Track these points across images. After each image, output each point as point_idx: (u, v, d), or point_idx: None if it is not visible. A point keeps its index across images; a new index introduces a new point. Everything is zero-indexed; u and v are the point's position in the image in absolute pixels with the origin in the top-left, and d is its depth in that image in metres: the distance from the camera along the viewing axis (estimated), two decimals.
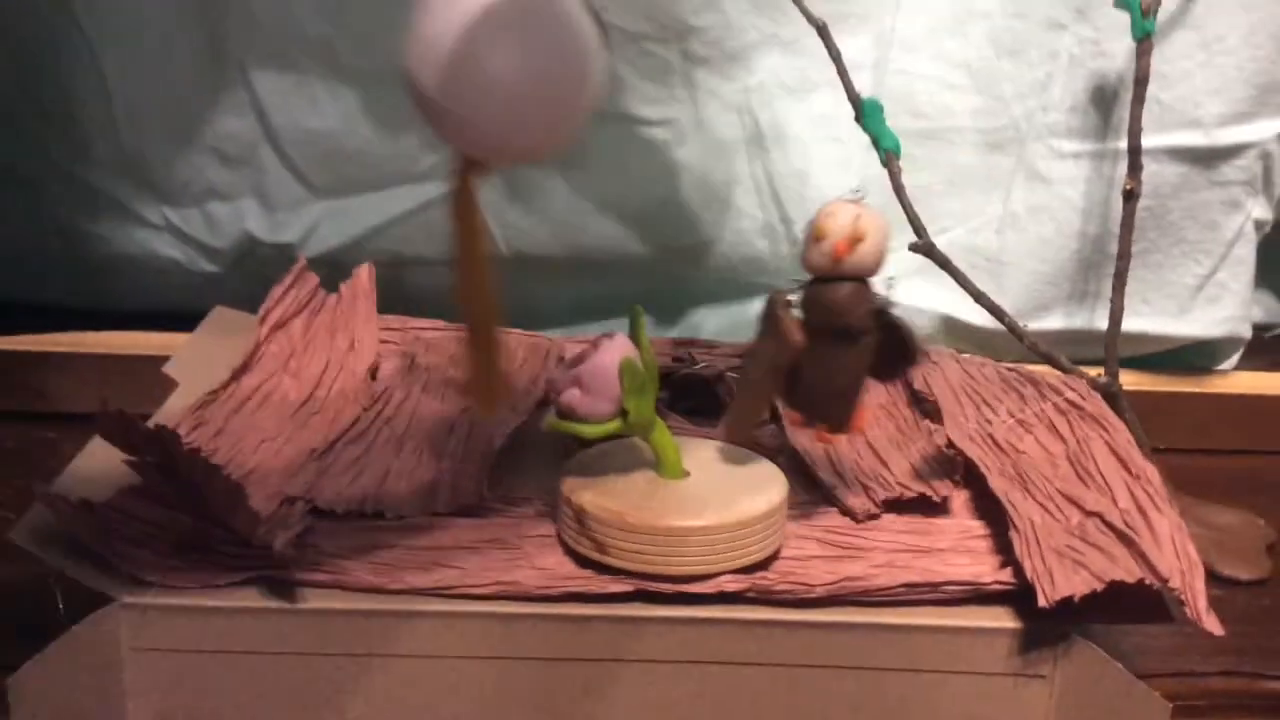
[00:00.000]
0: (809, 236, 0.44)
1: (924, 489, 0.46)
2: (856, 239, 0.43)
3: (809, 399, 0.44)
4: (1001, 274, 0.66)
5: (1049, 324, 0.66)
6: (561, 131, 0.37)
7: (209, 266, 0.68)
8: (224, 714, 0.40)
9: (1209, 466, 0.64)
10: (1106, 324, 0.59)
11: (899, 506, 0.46)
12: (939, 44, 0.64)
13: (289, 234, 0.67)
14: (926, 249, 0.56)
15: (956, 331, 0.67)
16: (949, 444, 0.50)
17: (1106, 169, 0.64)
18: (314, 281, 0.59)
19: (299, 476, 0.45)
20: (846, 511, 0.46)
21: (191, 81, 0.65)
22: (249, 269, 0.67)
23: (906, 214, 0.56)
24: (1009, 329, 0.58)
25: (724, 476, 0.44)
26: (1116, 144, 0.63)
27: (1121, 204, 0.59)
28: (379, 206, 0.67)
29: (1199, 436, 0.65)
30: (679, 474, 0.43)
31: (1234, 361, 0.69)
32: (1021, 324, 0.58)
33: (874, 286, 0.44)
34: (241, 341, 0.54)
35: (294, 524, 0.41)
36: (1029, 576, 0.40)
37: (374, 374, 0.56)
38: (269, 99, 0.65)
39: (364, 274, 0.60)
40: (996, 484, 0.46)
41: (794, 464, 0.49)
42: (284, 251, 0.66)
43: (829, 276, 0.43)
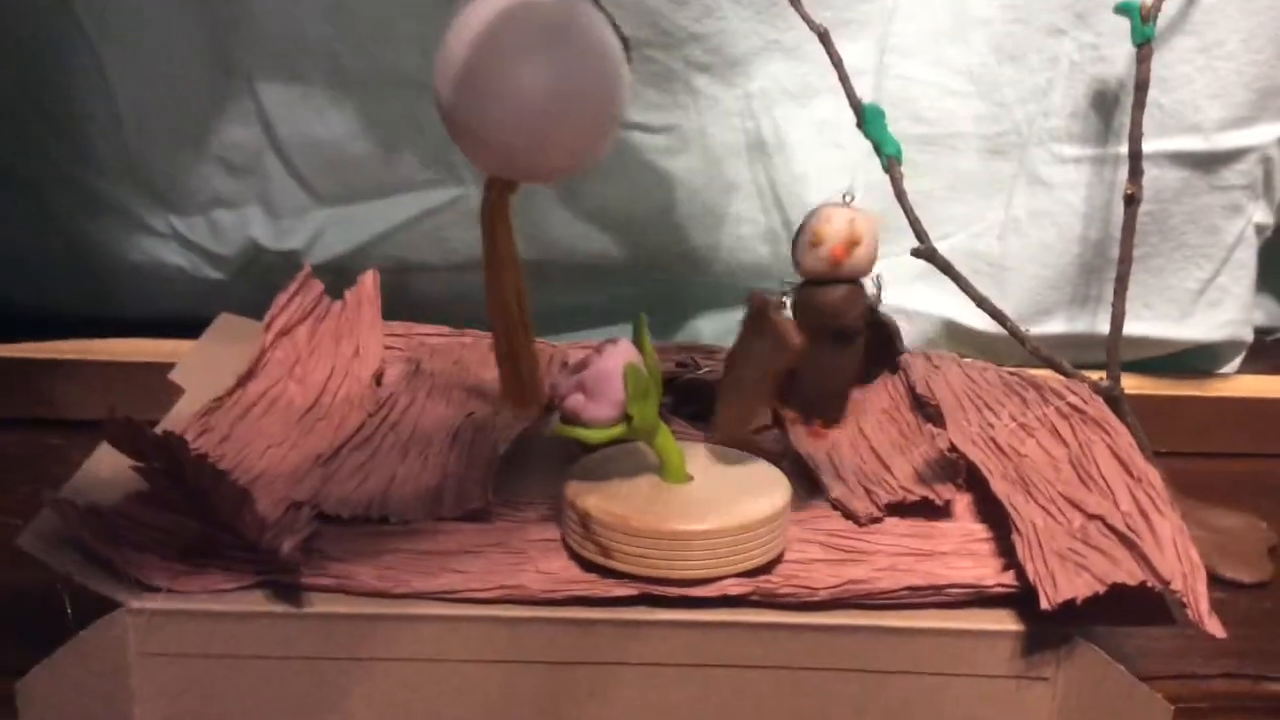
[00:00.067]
0: (804, 241, 0.44)
1: (926, 492, 0.46)
2: (854, 242, 0.43)
3: (804, 398, 0.45)
4: (1003, 279, 0.66)
5: (1051, 328, 0.66)
6: (590, 150, 0.38)
7: (214, 274, 0.68)
8: (231, 718, 0.40)
9: (1211, 470, 0.64)
10: (1108, 328, 0.59)
11: (902, 510, 0.46)
12: (940, 50, 0.64)
13: (294, 241, 0.67)
14: (928, 254, 0.56)
15: (959, 336, 0.67)
16: (951, 448, 0.50)
17: (1107, 174, 0.64)
18: (319, 288, 0.59)
19: (305, 482, 0.46)
20: (849, 515, 0.46)
21: (197, 90, 0.65)
22: (254, 276, 0.68)
23: (908, 219, 0.56)
24: (1011, 333, 0.58)
25: (727, 480, 0.44)
26: (1117, 149, 0.63)
27: (1122, 208, 0.59)
28: (383, 214, 0.67)
29: (1201, 440, 0.65)
30: (682, 478, 0.43)
31: (1236, 365, 0.69)
32: (1023, 328, 0.58)
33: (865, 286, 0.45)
34: (247, 348, 0.55)
35: (300, 529, 0.41)
36: (1031, 579, 0.40)
37: (379, 380, 0.56)
38: (274, 108, 0.65)
39: (369, 281, 0.60)
40: (999, 487, 0.46)
41: (797, 468, 0.49)
42: (289, 259, 0.66)
43: (824, 279, 0.43)
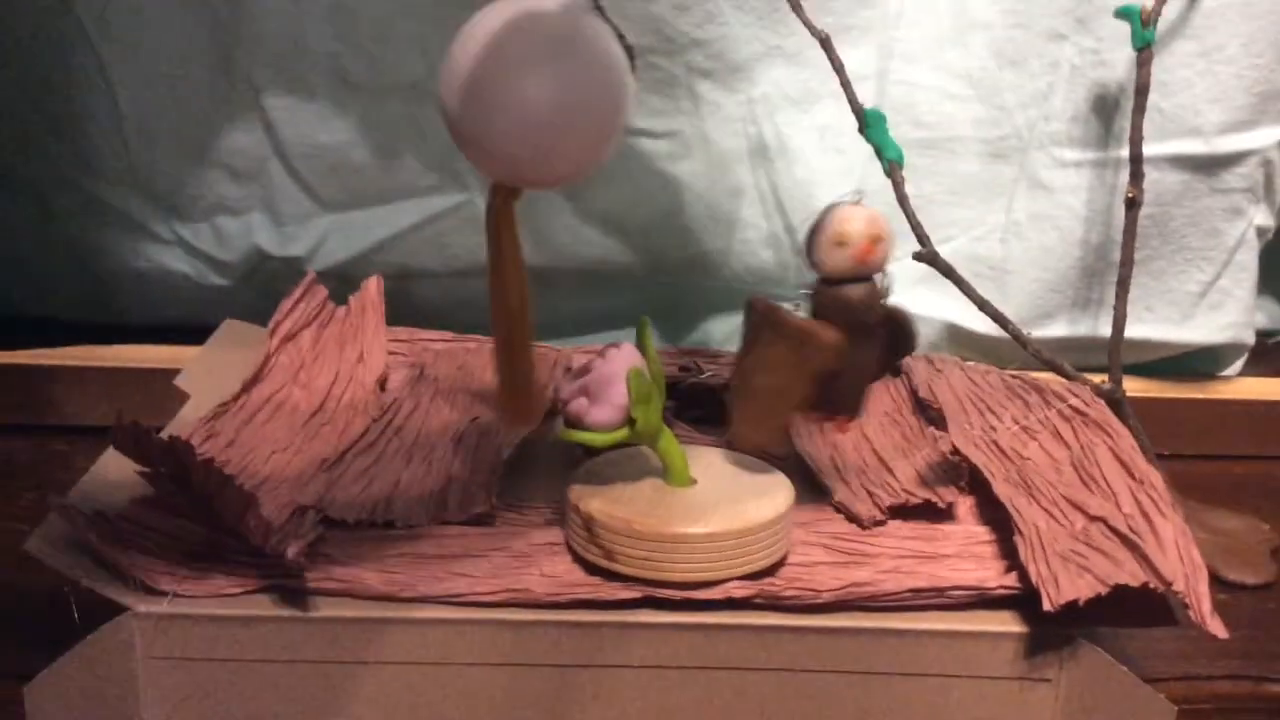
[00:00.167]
0: (824, 240, 0.44)
1: (929, 495, 0.47)
2: (877, 239, 0.44)
3: (827, 395, 0.45)
4: (1005, 282, 0.66)
5: (1052, 331, 0.66)
6: (594, 158, 0.38)
7: (219, 280, 0.69)
8: None
9: (1213, 472, 0.64)
10: (1110, 331, 0.59)
11: (905, 513, 0.46)
12: (941, 55, 0.64)
13: (298, 248, 0.67)
14: (930, 258, 0.56)
15: (961, 339, 0.67)
16: (954, 450, 0.50)
17: (1108, 177, 0.64)
18: (323, 294, 0.59)
19: (310, 486, 0.46)
20: (853, 518, 0.46)
21: (201, 97, 0.65)
22: (258, 283, 0.68)
23: (910, 223, 0.56)
24: (1013, 336, 0.58)
25: (731, 484, 0.44)
26: (1118, 152, 0.63)
27: (1123, 212, 0.59)
28: (387, 220, 0.67)
29: (1203, 442, 0.65)
30: (686, 481, 0.44)
31: (1238, 367, 0.69)
32: (1025, 331, 0.58)
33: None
34: (252, 354, 0.55)
35: (305, 533, 0.42)
36: (1034, 581, 0.40)
37: (383, 385, 0.56)
38: (278, 114, 0.65)
39: (372, 286, 0.60)
40: (1001, 490, 0.46)
41: (800, 471, 0.49)
42: (293, 265, 0.67)
43: (845, 278, 0.44)
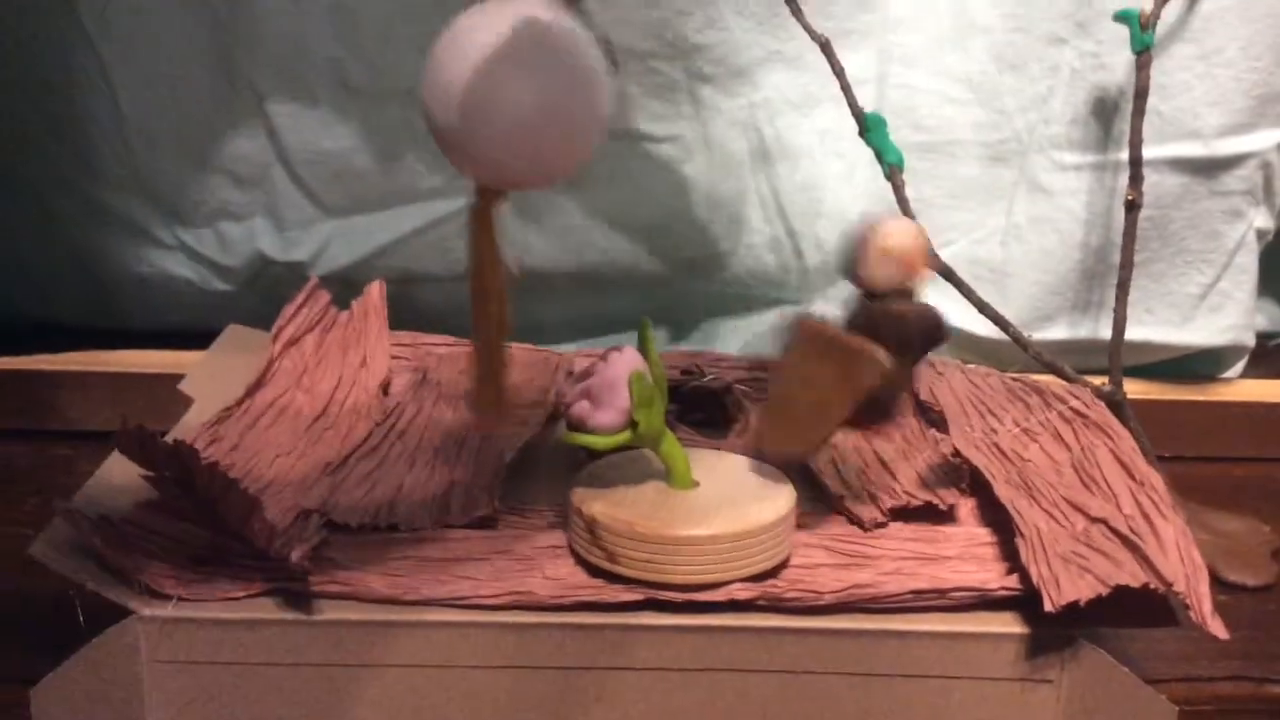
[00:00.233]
0: (871, 255, 0.43)
1: (931, 497, 0.47)
2: (923, 251, 0.43)
3: (867, 408, 0.44)
4: (1005, 285, 0.66)
5: (1053, 334, 0.67)
6: (574, 160, 0.38)
7: (222, 285, 0.69)
8: None
9: (1214, 474, 0.64)
10: (1110, 333, 0.59)
11: (906, 515, 0.46)
12: (940, 58, 0.65)
13: (300, 253, 0.68)
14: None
15: (961, 342, 0.67)
16: (955, 453, 0.50)
17: (1108, 180, 0.64)
18: (326, 299, 0.60)
19: (314, 490, 0.46)
20: (854, 520, 0.46)
21: (204, 102, 0.65)
22: (261, 288, 0.68)
23: None
24: (1013, 339, 0.58)
25: (733, 486, 0.44)
26: (1118, 155, 0.63)
27: (1123, 214, 0.60)
28: (389, 225, 0.67)
29: (1203, 444, 0.65)
30: (688, 484, 0.44)
31: (1238, 370, 0.69)
32: (1026, 334, 0.58)
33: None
34: (255, 358, 0.55)
35: (310, 537, 0.42)
36: (1035, 582, 0.40)
37: (386, 389, 0.56)
38: (280, 120, 0.66)
39: (375, 291, 0.60)
40: (1002, 492, 0.46)
41: (802, 473, 0.49)
42: (296, 270, 0.67)
43: (892, 292, 0.43)
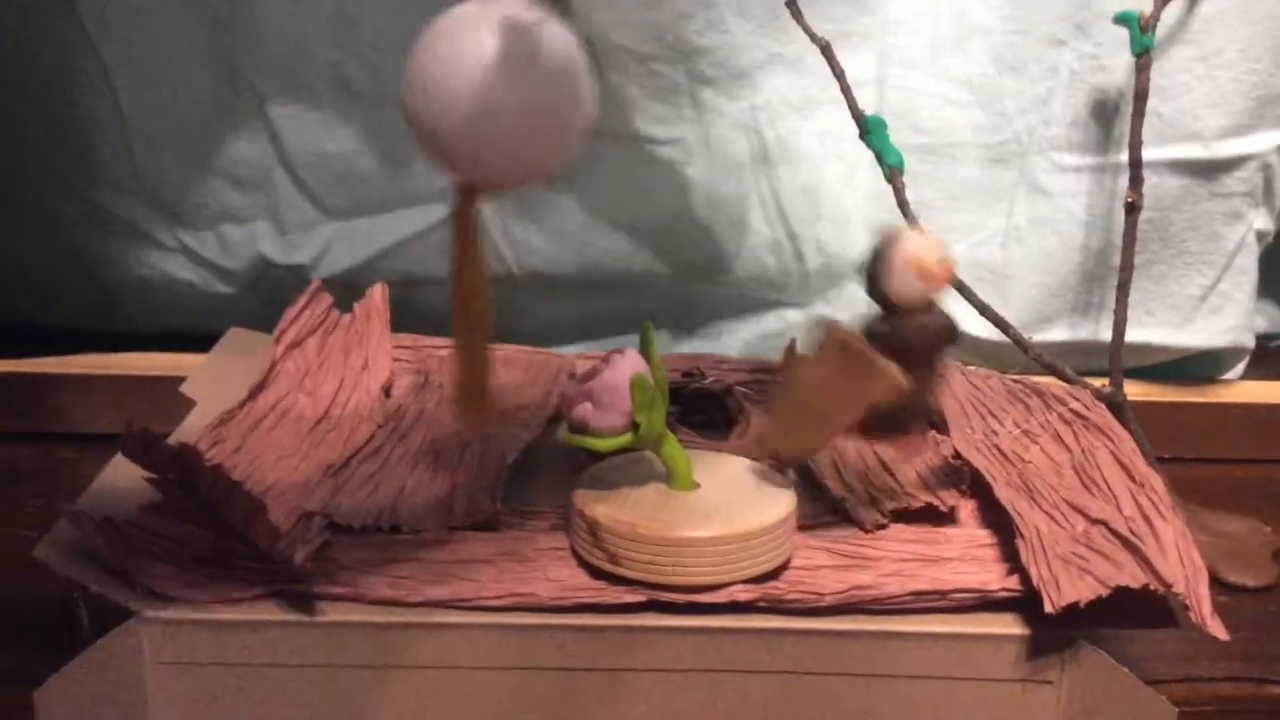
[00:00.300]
0: (896, 269, 0.42)
1: (931, 499, 0.47)
2: (947, 265, 0.43)
3: (886, 417, 0.44)
4: (1005, 287, 0.66)
5: (1053, 336, 0.67)
6: (555, 159, 0.38)
7: (223, 288, 0.69)
8: None
9: (1214, 475, 0.64)
10: (1110, 335, 0.60)
11: (907, 516, 0.47)
12: (940, 61, 0.65)
13: (302, 255, 0.68)
14: None
15: (962, 344, 0.66)
16: (955, 454, 0.50)
17: (1108, 182, 0.64)
18: (328, 302, 0.59)
19: (316, 492, 0.46)
20: (855, 521, 0.46)
21: (205, 105, 0.65)
22: (263, 290, 0.68)
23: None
24: (1014, 341, 0.58)
25: (733, 488, 0.44)
26: (1117, 157, 0.64)
27: (1123, 216, 0.60)
28: (391, 227, 0.67)
29: (1204, 446, 0.65)
30: (689, 486, 0.44)
31: (1238, 371, 0.69)
32: (1026, 336, 0.58)
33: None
34: (257, 361, 0.55)
35: (312, 538, 0.42)
36: (1035, 583, 0.40)
37: (388, 392, 0.56)
38: (282, 123, 0.66)
39: (377, 293, 0.60)
40: (1003, 493, 0.46)
41: (802, 475, 0.49)
42: (297, 273, 0.67)
43: (916, 307, 0.43)
